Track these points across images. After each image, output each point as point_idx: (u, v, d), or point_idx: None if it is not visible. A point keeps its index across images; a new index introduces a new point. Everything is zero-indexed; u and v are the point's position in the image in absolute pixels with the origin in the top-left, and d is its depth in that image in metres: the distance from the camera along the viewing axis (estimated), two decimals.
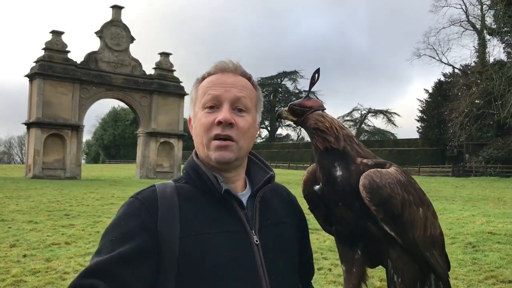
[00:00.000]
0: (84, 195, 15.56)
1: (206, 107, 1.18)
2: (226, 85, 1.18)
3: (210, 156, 1.17)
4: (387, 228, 1.23)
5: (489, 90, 34.72)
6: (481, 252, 7.20)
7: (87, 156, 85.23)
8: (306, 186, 1.41)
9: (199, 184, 1.18)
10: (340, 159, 1.28)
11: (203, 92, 1.20)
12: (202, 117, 1.18)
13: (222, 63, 1.23)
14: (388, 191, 1.21)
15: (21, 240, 7.68)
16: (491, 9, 37.01)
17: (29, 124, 28.13)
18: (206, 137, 1.17)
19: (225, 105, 1.17)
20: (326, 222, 1.41)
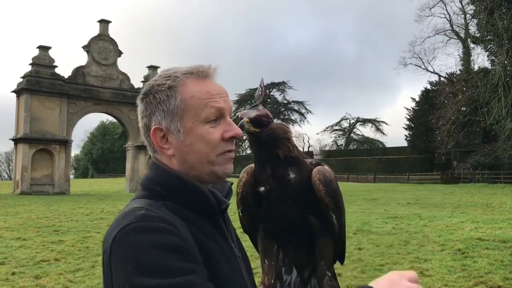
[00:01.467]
0: (73, 210, 15.42)
1: (209, 121, 1.04)
2: (223, 95, 1.08)
3: (217, 171, 1.05)
4: (334, 217, 1.38)
5: (474, 97, 35.20)
6: (471, 258, 7.25)
7: (75, 171, 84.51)
8: (245, 188, 1.43)
9: (186, 202, 1.02)
10: (293, 165, 1.36)
11: (201, 104, 1.04)
12: (207, 133, 1.04)
13: (203, 67, 1.09)
14: (335, 184, 1.38)
15: (9, 258, 7.59)
16: (474, 18, 37.64)
17: (17, 140, 27.90)
18: (214, 154, 1.04)
19: (227, 118, 1.08)
20: (250, 222, 1.46)
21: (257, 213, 1.43)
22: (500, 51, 32.58)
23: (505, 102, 31.14)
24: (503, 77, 31.78)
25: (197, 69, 1.08)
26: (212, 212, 1.06)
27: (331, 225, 1.38)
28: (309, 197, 1.35)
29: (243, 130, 1.29)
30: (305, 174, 1.36)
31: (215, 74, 1.10)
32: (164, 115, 1.05)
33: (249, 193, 1.42)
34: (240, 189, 1.44)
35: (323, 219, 1.38)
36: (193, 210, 1.02)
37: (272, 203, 1.38)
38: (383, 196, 21.76)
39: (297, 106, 73.28)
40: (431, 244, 8.55)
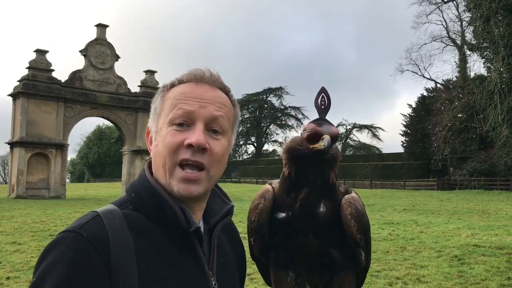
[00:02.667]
0: (69, 214, 15.35)
1: (174, 123, 0.96)
2: (202, 100, 0.97)
3: (173, 186, 0.95)
4: (363, 254, 1.22)
5: (471, 104, 35.35)
6: (467, 265, 7.26)
7: (71, 175, 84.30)
8: (261, 216, 1.23)
9: (154, 214, 0.95)
10: (329, 195, 1.20)
11: (172, 105, 0.97)
12: (167, 135, 0.95)
13: (197, 70, 1.01)
14: (366, 218, 1.23)
15: (4, 262, 7.54)
16: (470, 26, 37.88)
17: (13, 144, 27.80)
18: (170, 161, 0.95)
19: (198, 125, 0.96)
20: (261, 250, 1.28)
21: (270, 241, 1.26)
22: (496, 58, 32.75)
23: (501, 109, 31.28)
24: (499, 84, 31.95)
25: (192, 72, 1.02)
26: (182, 232, 0.95)
27: (358, 261, 1.23)
28: (336, 230, 1.20)
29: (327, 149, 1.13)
30: (336, 207, 1.20)
31: (214, 81, 1.01)
32: (152, 116, 1.04)
33: (266, 222, 1.24)
34: (255, 217, 1.24)
35: (347, 253, 1.22)
36: (161, 225, 0.94)
37: (290, 232, 1.22)
38: (380, 202, 21.77)
39: (294, 111, 73.53)
40: (428, 250, 8.55)
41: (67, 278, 0.82)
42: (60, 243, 0.87)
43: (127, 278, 0.86)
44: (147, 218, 0.95)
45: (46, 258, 0.86)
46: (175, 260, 0.93)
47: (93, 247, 0.85)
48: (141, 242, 0.91)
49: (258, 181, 53.13)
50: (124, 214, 0.93)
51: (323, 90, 1.23)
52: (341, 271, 1.23)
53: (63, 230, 0.90)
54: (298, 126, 73.13)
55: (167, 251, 0.93)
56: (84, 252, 0.85)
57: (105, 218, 0.90)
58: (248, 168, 62.55)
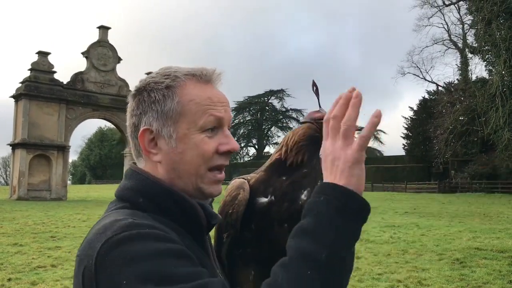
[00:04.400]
0: (70, 216, 15.37)
1: (205, 130, 0.93)
2: (224, 104, 0.97)
3: (204, 189, 0.95)
4: None
5: (472, 107, 35.33)
6: (469, 268, 7.24)
7: (73, 177, 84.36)
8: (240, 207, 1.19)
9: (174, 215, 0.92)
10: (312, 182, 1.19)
11: (200, 110, 0.93)
12: (202, 142, 0.93)
13: (206, 70, 0.98)
14: None
15: (5, 264, 7.55)
16: (472, 28, 37.91)
17: (14, 145, 27.85)
18: (204, 167, 0.93)
19: (226, 130, 0.97)
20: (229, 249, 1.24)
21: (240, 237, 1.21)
22: (497, 61, 32.74)
23: (502, 112, 31.25)
24: (501, 87, 31.94)
25: (200, 71, 0.97)
26: (201, 228, 0.95)
27: None
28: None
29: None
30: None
31: (218, 80, 1.00)
32: (157, 116, 0.94)
33: (241, 214, 1.19)
34: (234, 209, 1.19)
35: None
36: (182, 225, 0.92)
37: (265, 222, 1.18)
38: (381, 205, 21.74)
39: (295, 114, 73.51)
40: (429, 253, 8.54)
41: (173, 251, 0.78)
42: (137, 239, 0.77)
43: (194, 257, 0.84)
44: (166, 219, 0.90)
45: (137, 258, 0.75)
46: (201, 253, 0.93)
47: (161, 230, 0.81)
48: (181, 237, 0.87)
49: None
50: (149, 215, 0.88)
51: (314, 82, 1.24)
52: None
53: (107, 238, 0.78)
54: None
55: (197, 247, 0.93)
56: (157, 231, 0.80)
57: (140, 218, 0.85)
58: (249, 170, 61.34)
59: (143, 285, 0.71)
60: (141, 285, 0.71)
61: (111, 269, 0.74)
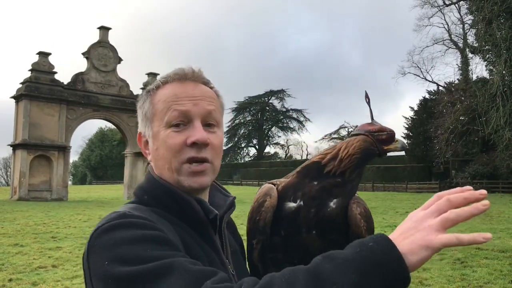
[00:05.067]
0: (71, 217, 15.38)
1: (172, 125, 0.99)
2: (194, 98, 1.01)
3: (182, 182, 0.99)
4: None
5: (473, 107, 35.30)
6: (470, 268, 7.24)
7: (74, 177, 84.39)
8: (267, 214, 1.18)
9: (172, 210, 0.99)
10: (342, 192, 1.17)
11: (165, 107, 1.00)
12: (167, 137, 0.99)
13: (180, 70, 1.04)
14: (372, 219, 1.21)
15: (6, 264, 7.56)
16: (472, 28, 37.87)
17: (15, 146, 27.87)
18: (176, 161, 0.98)
19: (196, 122, 1.00)
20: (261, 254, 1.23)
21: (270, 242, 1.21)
22: (498, 61, 32.72)
23: (503, 111, 31.22)
24: (501, 86, 31.91)
25: (175, 72, 1.04)
26: (200, 222, 1.00)
27: None
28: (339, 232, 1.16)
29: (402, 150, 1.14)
30: (344, 206, 1.17)
31: (197, 77, 1.04)
32: (141, 120, 1.07)
33: (270, 220, 1.18)
34: (261, 216, 1.19)
35: None
36: (182, 219, 0.98)
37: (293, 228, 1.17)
38: (381, 204, 21.74)
39: (296, 114, 73.53)
40: None
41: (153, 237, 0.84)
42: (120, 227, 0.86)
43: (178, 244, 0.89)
44: (167, 213, 0.99)
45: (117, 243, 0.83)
46: (202, 247, 0.97)
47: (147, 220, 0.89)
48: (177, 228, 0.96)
49: (260, 183, 53.11)
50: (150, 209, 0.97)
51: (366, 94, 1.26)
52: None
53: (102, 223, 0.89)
54: (300, 128, 73.19)
55: (194, 238, 0.97)
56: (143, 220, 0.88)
57: (133, 210, 0.94)
58: (249, 171, 62.53)
59: (118, 266, 0.79)
60: (116, 266, 0.79)
61: (97, 252, 0.83)
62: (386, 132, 1.18)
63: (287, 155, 75.67)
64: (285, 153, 76.47)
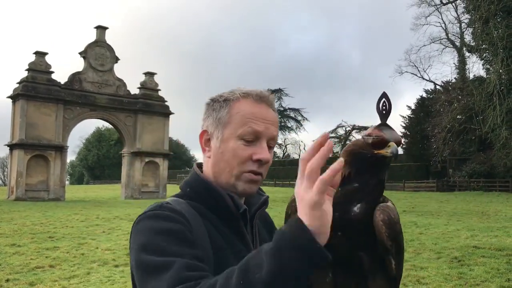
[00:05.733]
0: (68, 216, 15.35)
1: (243, 138, 1.13)
2: (267, 121, 1.15)
3: (237, 186, 1.14)
4: (393, 262, 1.22)
5: (470, 105, 35.38)
6: (467, 266, 7.26)
7: (71, 177, 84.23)
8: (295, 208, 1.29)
9: (208, 203, 1.15)
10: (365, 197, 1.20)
11: (242, 121, 1.14)
12: (238, 148, 1.13)
13: (261, 91, 1.19)
14: (399, 227, 1.23)
15: (3, 264, 7.54)
16: (469, 27, 37.93)
17: (12, 146, 27.80)
18: (238, 169, 1.13)
19: (263, 142, 1.14)
20: None
21: None
22: (495, 60, 32.78)
23: (500, 110, 31.29)
24: (498, 85, 31.96)
25: (255, 92, 1.18)
26: (231, 216, 1.14)
27: (388, 269, 1.23)
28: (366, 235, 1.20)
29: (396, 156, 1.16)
30: (369, 213, 1.20)
31: (271, 102, 1.19)
32: (213, 121, 1.18)
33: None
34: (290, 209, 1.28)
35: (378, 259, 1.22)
36: (215, 213, 1.13)
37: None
38: None
39: (294, 113, 73.51)
40: (427, 252, 8.55)
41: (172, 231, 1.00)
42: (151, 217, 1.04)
43: (204, 244, 1.04)
44: (204, 207, 1.13)
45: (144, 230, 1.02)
46: (230, 239, 1.12)
47: (177, 214, 1.05)
48: (204, 220, 1.10)
49: None
50: (187, 202, 1.13)
51: (385, 95, 1.24)
52: (370, 277, 1.24)
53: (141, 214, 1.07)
54: (298, 128, 73.21)
55: (223, 231, 1.12)
56: (174, 216, 1.04)
57: (173, 202, 1.12)
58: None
59: (140, 252, 0.98)
60: (139, 251, 0.98)
61: (133, 235, 1.04)
62: (372, 136, 1.19)
63: (284, 154, 75.69)
64: (283, 152, 76.53)
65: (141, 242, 1.00)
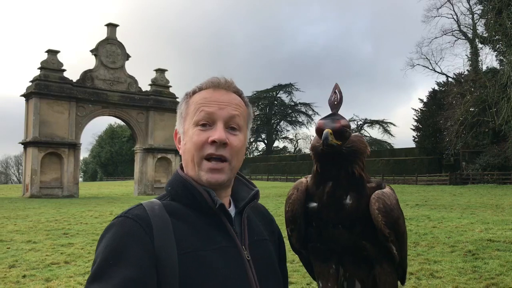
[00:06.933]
0: (82, 213, 15.50)
1: (198, 124, 1.13)
2: (220, 103, 1.15)
3: (201, 176, 1.13)
4: (393, 248, 1.23)
5: (483, 97, 34.95)
6: (481, 260, 7.20)
7: (84, 174, 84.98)
8: (294, 206, 1.29)
9: (187, 200, 1.13)
10: (355, 188, 1.21)
11: (195, 108, 1.15)
12: (194, 134, 1.13)
13: (214, 78, 1.19)
14: (397, 213, 1.22)
15: (20, 261, 7.65)
16: (482, 18, 37.44)
17: (26, 144, 28.10)
18: (198, 156, 1.13)
19: (219, 124, 1.13)
20: (300, 241, 1.33)
21: (306, 232, 1.31)
22: (508, 51, 32.35)
23: None
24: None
25: (210, 80, 1.19)
26: (210, 211, 1.12)
27: (391, 255, 1.24)
28: (365, 224, 1.22)
29: (326, 142, 1.15)
30: (363, 200, 1.22)
31: (228, 86, 1.19)
32: (178, 118, 1.21)
33: (299, 212, 1.28)
34: (289, 207, 1.31)
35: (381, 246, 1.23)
36: (194, 209, 1.13)
37: (321, 223, 1.25)
38: None
39: (304, 108, 73.34)
40: (441, 245, 8.50)
41: (116, 248, 1.00)
42: (111, 227, 1.05)
43: (167, 250, 1.03)
44: (182, 205, 1.13)
45: (102, 240, 1.04)
46: (208, 236, 1.10)
47: (138, 224, 1.04)
48: (177, 223, 1.08)
49: (269, 178, 53.13)
50: (162, 203, 1.12)
51: (336, 86, 1.27)
52: (377, 263, 1.26)
53: (114, 218, 1.08)
54: (309, 122, 73.05)
55: (201, 230, 1.10)
56: (130, 228, 1.03)
57: (146, 205, 1.09)
58: (258, 165, 62.57)
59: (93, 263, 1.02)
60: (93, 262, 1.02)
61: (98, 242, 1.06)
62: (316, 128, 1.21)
63: (296, 149, 75.59)
64: (294, 147, 76.40)
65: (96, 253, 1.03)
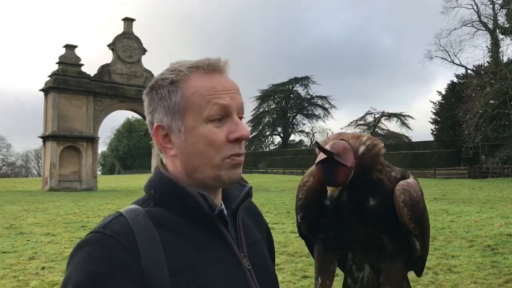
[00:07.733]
0: (100, 206, 15.70)
1: (211, 120, 0.95)
2: (230, 91, 0.97)
3: (222, 177, 0.96)
4: (417, 244, 1.18)
5: (503, 90, 34.32)
6: (501, 255, 7.09)
7: (102, 168, 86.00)
8: (309, 194, 1.23)
9: (176, 206, 0.96)
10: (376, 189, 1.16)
11: (203, 101, 0.95)
12: (210, 133, 0.94)
13: (211, 60, 0.99)
14: (422, 206, 1.17)
15: (39, 253, 7.79)
16: (503, 8, 36.70)
17: (45, 137, 28.54)
18: (219, 157, 0.95)
19: (235, 117, 0.96)
20: (310, 229, 1.28)
21: (317, 222, 1.25)
22: None
23: None
24: None
25: (203, 62, 0.98)
26: (205, 218, 0.96)
27: (413, 250, 1.19)
28: (388, 218, 1.16)
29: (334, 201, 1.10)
30: (387, 196, 1.16)
31: (226, 68, 1.00)
32: (165, 112, 0.97)
33: (313, 202, 1.22)
34: (302, 195, 1.24)
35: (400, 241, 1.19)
36: (184, 216, 0.95)
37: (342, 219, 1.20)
38: None
39: (321, 101, 72.96)
40: (459, 240, 8.39)
41: (95, 275, 0.83)
42: (86, 244, 0.88)
43: (158, 273, 0.86)
44: (170, 211, 0.95)
45: (73, 259, 0.87)
46: (203, 248, 0.94)
47: (119, 243, 0.86)
48: (166, 235, 0.91)
49: (285, 171, 53.11)
50: (146, 211, 0.93)
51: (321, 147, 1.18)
52: (388, 258, 1.21)
53: (88, 232, 0.91)
54: (325, 115, 72.71)
55: (195, 240, 0.94)
56: (111, 248, 0.86)
57: (128, 216, 0.91)
58: (274, 159, 62.55)
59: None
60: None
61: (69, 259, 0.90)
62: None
63: (312, 142, 75.31)
64: (310, 140, 76.12)
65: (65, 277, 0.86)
